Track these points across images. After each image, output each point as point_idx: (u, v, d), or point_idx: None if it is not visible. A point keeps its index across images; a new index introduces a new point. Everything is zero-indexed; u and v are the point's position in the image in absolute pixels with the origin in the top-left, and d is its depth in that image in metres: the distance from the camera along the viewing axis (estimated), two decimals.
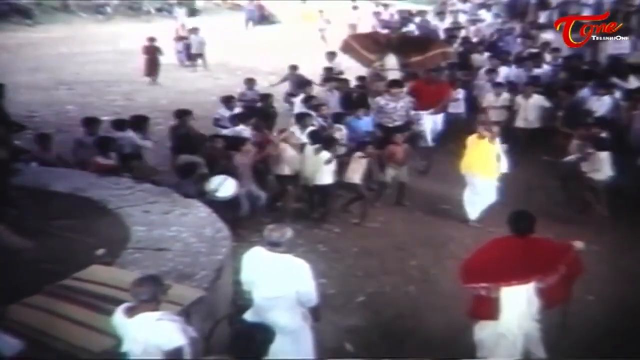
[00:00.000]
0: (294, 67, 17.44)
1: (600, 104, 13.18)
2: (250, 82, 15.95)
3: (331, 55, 18.21)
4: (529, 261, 6.61)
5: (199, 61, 25.30)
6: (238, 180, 10.24)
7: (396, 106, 12.82)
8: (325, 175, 10.81)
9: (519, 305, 6.72)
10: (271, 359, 5.08)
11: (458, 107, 15.27)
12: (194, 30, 25.46)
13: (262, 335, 4.93)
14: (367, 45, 16.60)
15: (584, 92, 13.88)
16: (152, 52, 22.52)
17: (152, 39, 22.64)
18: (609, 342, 7.65)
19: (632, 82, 14.45)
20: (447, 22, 27.12)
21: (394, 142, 11.77)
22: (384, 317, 8.30)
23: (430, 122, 14.28)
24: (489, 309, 6.75)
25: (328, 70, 16.88)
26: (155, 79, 22.33)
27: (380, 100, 13.09)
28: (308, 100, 13.64)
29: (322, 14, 31.64)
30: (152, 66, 22.45)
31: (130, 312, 5.15)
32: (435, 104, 14.18)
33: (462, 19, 28.49)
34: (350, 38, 18.48)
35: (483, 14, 28.33)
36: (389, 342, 7.74)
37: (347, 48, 17.26)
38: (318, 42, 27.36)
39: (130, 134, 11.45)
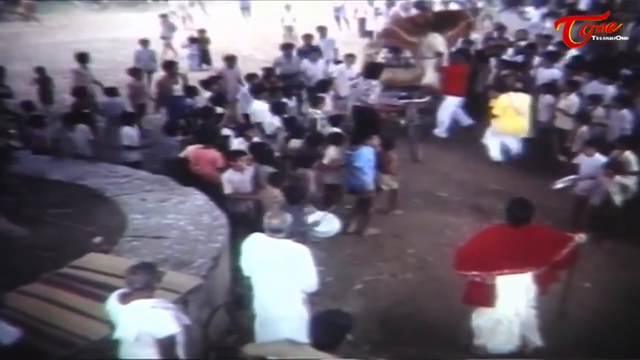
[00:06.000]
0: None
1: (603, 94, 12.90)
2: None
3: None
4: (523, 251, 6.61)
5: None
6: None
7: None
8: None
9: (516, 292, 6.74)
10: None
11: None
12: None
13: (342, 320, 4.98)
14: (407, 28, 16.45)
15: (593, 83, 13.53)
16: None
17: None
18: (604, 330, 7.65)
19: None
20: None
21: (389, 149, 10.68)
22: (381, 304, 8.31)
23: (451, 107, 14.53)
24: (484, 296, 6.78)
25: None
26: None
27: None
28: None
29: (171, 15, 26.88)
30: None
31: (124, 298, 5.14)
32: (457, 85, 14.36)
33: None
34: (392, 24, 18.39)
35: (531, 12, 25.44)
36: (387, 330, 7.74)
37: (388, 35, 17.06)
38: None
39: None
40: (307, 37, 17.94)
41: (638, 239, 9.66)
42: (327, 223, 8.49)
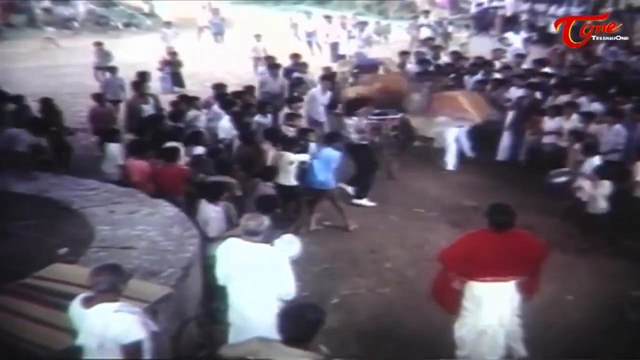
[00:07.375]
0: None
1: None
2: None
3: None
4: (505, 257, 6.39)
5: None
6: None
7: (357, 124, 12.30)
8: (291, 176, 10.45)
9: (500, 301, 6.52)
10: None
11: None
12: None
13: (312, 314, 4.71)
14: None
15: (581, 99, 13.59)
16: None
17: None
18: (587, 341, 7.56)
19: None
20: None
21: None
22: (359, 318, 8.12)
23: (453, 133, 14.27)
24: (450, 298, 6.63)
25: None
26: None
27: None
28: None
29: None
30: None
31: (88, 302, 4.86)
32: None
33: (426, 33, 27.60)
34: None
35: (511, 37, 24.61)
36: (365, 343, 7.54)
37: None
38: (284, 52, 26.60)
39: None
40: (295, 57, 17.88)
41: (620, 251, 9.64)
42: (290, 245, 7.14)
